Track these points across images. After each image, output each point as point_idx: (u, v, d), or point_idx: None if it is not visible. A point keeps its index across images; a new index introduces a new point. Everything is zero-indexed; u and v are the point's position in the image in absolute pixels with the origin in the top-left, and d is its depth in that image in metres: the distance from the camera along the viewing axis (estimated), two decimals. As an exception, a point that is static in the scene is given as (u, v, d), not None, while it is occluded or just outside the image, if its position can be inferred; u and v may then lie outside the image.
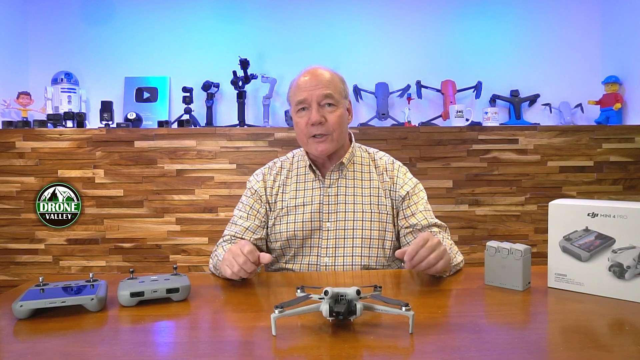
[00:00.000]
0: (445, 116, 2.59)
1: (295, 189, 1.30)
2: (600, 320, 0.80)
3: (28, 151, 2.29)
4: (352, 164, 1.30)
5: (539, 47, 2.72)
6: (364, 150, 1.36)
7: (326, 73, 1.25)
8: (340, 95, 1.25)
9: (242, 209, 1.30)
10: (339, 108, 1.24)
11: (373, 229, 1.25)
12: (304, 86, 1.22)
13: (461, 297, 0.95)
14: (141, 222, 2.32)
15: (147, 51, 2.69)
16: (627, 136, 2.35)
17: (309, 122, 1.21)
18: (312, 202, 1.26)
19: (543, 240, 2.33)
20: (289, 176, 1.32)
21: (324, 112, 1.21)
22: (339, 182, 1.28)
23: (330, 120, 1.21)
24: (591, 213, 0.92)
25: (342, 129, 1.25)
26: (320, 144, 1.22)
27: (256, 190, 1.30)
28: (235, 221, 1.29)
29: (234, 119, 2.59)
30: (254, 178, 1.33)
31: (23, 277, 2.31)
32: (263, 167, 1.37)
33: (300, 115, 1.24)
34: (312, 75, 1.23)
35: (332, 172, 1.28)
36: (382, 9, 2.72)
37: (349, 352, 0.67)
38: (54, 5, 2.68)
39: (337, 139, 1.24)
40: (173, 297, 0.93)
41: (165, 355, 0.69)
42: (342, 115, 1.24)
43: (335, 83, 1.25)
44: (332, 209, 1.26)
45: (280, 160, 1.36)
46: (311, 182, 1.29)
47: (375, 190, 1.28)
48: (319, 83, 1.21)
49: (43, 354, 0.68)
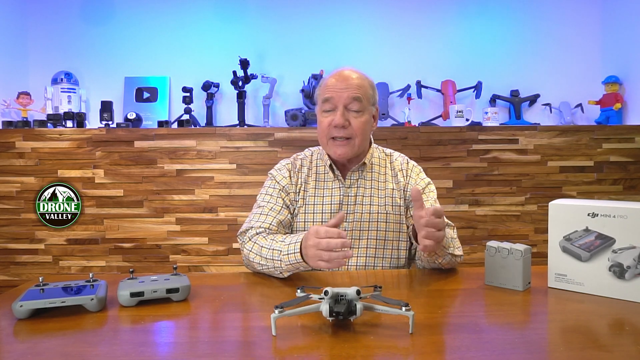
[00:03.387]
0: (445, 116, 2.59)
1: (314, 187, 1.28)
2: (600, 320, 0.80)
3: (28, 151, 2.29)
4: (371, 165, 1.30)
5: (539, 47, 2.72)
6: (381, 151, 1.36)
7: (357, 76, 1.23)
8: (368, 101, 1.23)
9: (272, 202, 1.25)
10: (365, 114, 1.22)
11: (388, 230, 1.25)
12: (333, 86, 1.21)
13: (461, 297, 0.95)
14: (141, 222, 2.32)
15: (147, 51, 2.69)
16: (627, 136, 2.35)
17: (332, 123, 1.20)
18: (331, 202, 1.26)
19: (543, 240, 2.33)
20: (309, 174, 1.30)
21: (349, 116, 1.20)
22: (358, 183, 1.28)
23: (355, 125, 1.20)
24: (591, 213, 0.92)
25: (365, 136, 1.23)
26: (339, 148, 1.21)
27: (284, 186, 1.28)
28: (266, 212, 1.22)
29: (234, 119, 2.59)
30: (279, 173, 1.30)
31: (23, 277, 2.31)
32: (284, 161, 1.34)
33: (324, 115, 1.23)
34: (343, 77, 1.21)
35: (353, 172, 1.28)
36: (382, 9, 2.71)
37: (349, 352, 0.67)
38: (54, 5, 2.68)
39: (358, 144, 1.22)
40: (173, 297, 0.93)
41: (165, 355, 0.69)
42: (367, 122, 1.23)
43: (365, 88, 1.22)
44: (350, 209, 1.26)
45: (300, 158, 1.34)
46: (331, 182, 1.28)
47: (390, 191, 1.28)
48: (349, 86, 1.20)
49: (43, 354, 0.68)
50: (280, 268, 1.06)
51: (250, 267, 1.17)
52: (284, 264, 1.05)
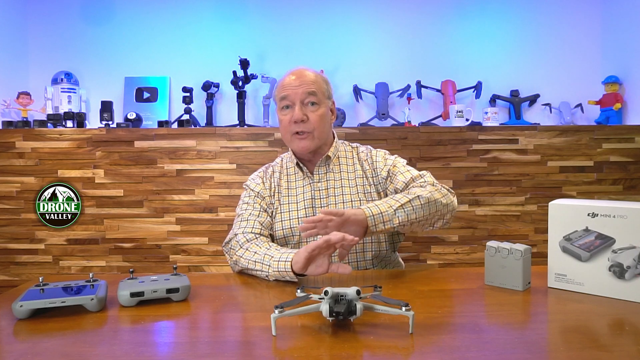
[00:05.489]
0: (445, 116, 2.59)
1: (287, 188, 1.33)
2: (600, 320, 0.79)
3: (28, 151, 2.29)
4: (337, 158, 1.34)
5: (539, 47, 2.72)
6: (347, 145, 1.40)
7: (310, 73, 1.29)
8: (323, 95, 1.29)
9: (250, 208, 1.29)
10: (322, 107, 1.27)
11: None
12: (289, 85, 1.26)
13: (461, 297, 0.95)
14: (141, 222, 2.32)
15: (147, 51, 2.69)
16: (627, 136, 2.35)
17: (292, 119, 1.25)
18: (304, 198, 1.30)
19: (543, 240, 2.33)
20: (281, 177, 1.35)
21: (306, 111, 1.25)
22: (327, 176, 1.32)
23: (312, 118, 1.25)
24: (591, 213, 0.92)
25: (323, 128, 1.28)
26: (301, 141, 1.26)
27: (258, 192, 1.32)
28: (246, 218, 1.26)
29: (234, 119, 2.59)
30: (253, 181, 1.35)
31: (23, 277, 2.31)
32: (257, 171, 1.39)
33: (284, 113, 1.28)
34: (297, 75, 1.28)
35: (320, 167, 1.32)
36: (382, 9, 2.71)
37: (349, 352, 0.67)
38: (54, 5, 2.68)
39: (318, 136, 1.27)
40: (173, 297, 0.93)
41: (165, 355, 0.69)
42: (324, 114, 1.28)
43: (319, 83, 1.29)
44: (323, 202, 1.29)
45: (272, 165, 1.40)
46: (301, 180, 1.33)
47: (360, 179, 1.32)
48: (303, 82, 1.26)
49: (43, 354, 0.68)
50: (266, 272, 1.08)
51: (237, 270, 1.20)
52: (271, 270, 1.07)
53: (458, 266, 2.36)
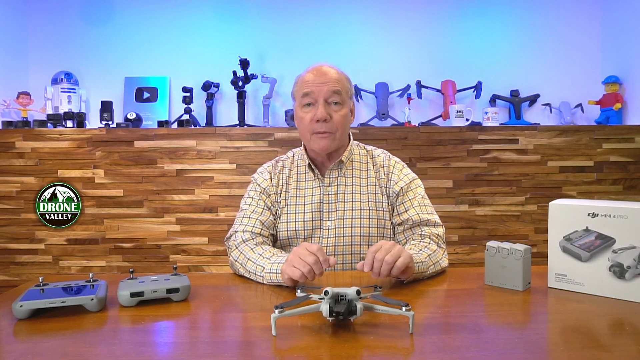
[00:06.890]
0: (445, 116, 2.59)
1: (295, 188, 1.29)
2: (600, 320, 0.80)
3: (28, 151, 2.29)
4: (350, 162, 1.30)
5: (539, 47, 2.72)
6: (362, 148, 1.36)
7: (334, 71, 1.25)
8: (346, 94, 1.25)
9: (254, 204, 1.27)
10: (345, 107, 1.24)
11: (372, 226, 1.25)
12: (312, 82, 1.21)
13: (461, 297, 0.95)
14: (141, 222, 2.32)
15: (147, 51, 2.69)
16: (627, 136, 2.35)
17: (315, 117, 1.20)
18: (312, 201, 1.27)
19: (543, 240, 2.33)
20: (290, 175, 1.32)
21: (330, 110, 1.21)
22: (338, 181, 1.28)
23: (336, 118, 1.21)
24: (591, 213, 0.92)
25: (345, 129, 1.25)
26: (322, 140, 1.22)
27: (264, 188, 1.29)
28: (248, 215, 1.25)
29: (234, 119, 2.59)
30: (261, 176, 1.32)
31: (23, 277, 2.31)
32: (266, 164, 1.36)
33: (305, 110, 1.23)
34: (320, 72, 1.23)
35: (332, 170, 1.28)
36: (382, 9, 2.71)
37: (349, 352, 0.67)
38: (54, 5, 2.68)
39: (339, 137, 1.24)
40: (173, 297, 0.93)
41: (165, 355, 0.69)
42: (346, 115, 1.25)
43: (343, 82, 1.25)
44: (332, 207, 1.26)
45: (282, 159, 1.36)
46: (311, 181, 1.29)
47: (372, 187, 1.28)
48: (328, 80, 1.21)
49: (43, 354, 0.68)
50: (261, 281, 1.08)
51: (235, 271, 1.19)
52: (265, 281, 1.06)
53: (458, 266, 2.36)
